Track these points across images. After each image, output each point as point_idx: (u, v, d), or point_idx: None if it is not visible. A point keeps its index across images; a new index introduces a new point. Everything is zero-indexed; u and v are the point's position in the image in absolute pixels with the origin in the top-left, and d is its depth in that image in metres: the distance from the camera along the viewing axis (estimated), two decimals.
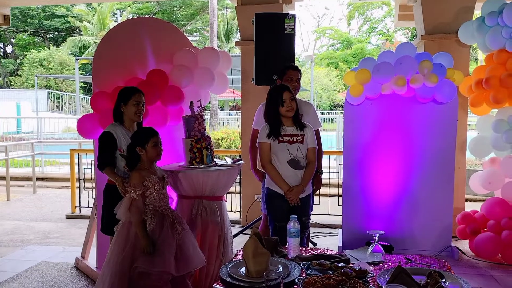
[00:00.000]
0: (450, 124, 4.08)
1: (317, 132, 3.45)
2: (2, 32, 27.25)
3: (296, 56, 4.31)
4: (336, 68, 28.02)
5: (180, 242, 2.82)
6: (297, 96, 3.60)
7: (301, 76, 3.74)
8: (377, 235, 2.42)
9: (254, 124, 3.72)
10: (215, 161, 3.50)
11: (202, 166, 3.35)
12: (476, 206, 4.71)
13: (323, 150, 3.83)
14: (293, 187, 3.10)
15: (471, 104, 4.51)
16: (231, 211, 5.88)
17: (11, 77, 27.21)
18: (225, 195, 3.59)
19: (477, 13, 4.98)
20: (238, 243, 4.21)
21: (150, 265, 2.65)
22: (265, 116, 3.17)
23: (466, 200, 5.11)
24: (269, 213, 3.26)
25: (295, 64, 3.85)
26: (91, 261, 4.05)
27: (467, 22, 4.55)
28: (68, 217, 6.12)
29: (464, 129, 4.93)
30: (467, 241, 4.40)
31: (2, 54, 29.33)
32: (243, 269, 2.16)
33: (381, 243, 2.50)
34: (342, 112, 5.15)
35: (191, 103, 3.46)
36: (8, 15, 6.75)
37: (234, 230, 4.14)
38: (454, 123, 4.09)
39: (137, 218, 2.70)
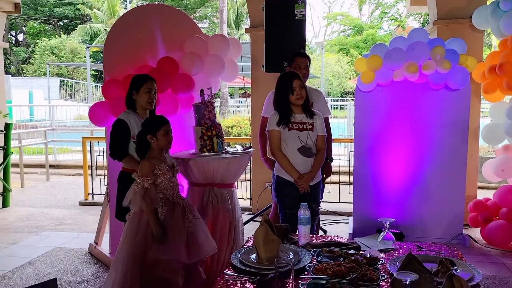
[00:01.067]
0: (462, 111, 4.04)
1: (326, 120, 3.44)
2: (13, 20, 27.40)
3: (306, 43, 4.27)
4: (347, 55, 27.74)
5: (192, 230, 2.83)
6: (307, 83, 3.58)
7: (310, 63, 3.69)
8: (388, 222, 2.42)
9: (264, 112, 3.72)
10: (225, 149, 3.51)
11: (213, 153, 3.37)
12: (489, 194, 4.67)
13: (333, 137, 3.81)
14: (303, 174, 3.10)
15: (484, 90, 4.45)
16: (242, 198, 5.91)
17: (23, 65, 27.43)
18: (235, 183, 3.60)
19: None
20: (249, 230, 4.24)
21: (161, 253, 2.67)
22: (275, 103, 3.17)
23: (479, 188, 5.08)
24: (279, 200, 3.26)
25: (305, 51, 3.81)
26: (105, 247, 4.12)
27: (481, 7, 4.46)
28: (81, 204, 6.21)
29: (477, 116, 4.87)
30: (479, 229, 4.38)
31: (14, 42, 29.52)
32: (254, 256, 2.17)
33: (392, 230, 2.49)
34: (353, 99, 5.11)
35: (201, 90, 3.46)
36: (19, 3, 6.77)
37: (245, 217, 4.17)
38: (466, 110, 4.04)
39: (150, 207, 2.72)
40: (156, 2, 23.69)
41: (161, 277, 2.68)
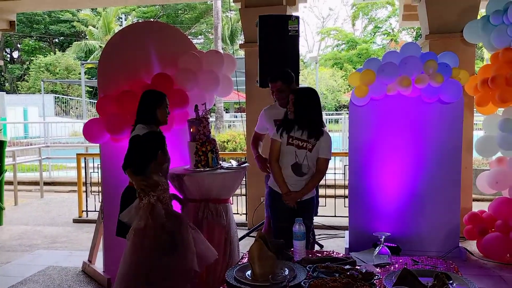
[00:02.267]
0: (456, 124, 4.06)
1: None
2: (8, 38, 27.48)
3: (300, 57, 4.31)
4: (341, 69, 27.95)
5: (194, 241, 2.89)
6: None
7: (285, 82, 3.63)
8: (383, 237, 2.41)
9: (257, 128, 3.79)
10: (220, 164, 3.50)
11: (208, 169, 3.35)
12: (484, 206, 4.67)
13: None
14: (292, 192, 3.13)
15: (477, 103, 4.48)
16: (237, 213, 5.87)
17: (18, 82, 27.42)
18: (231, 198, 3.59)
19: (482, 12, 4.96)
20: (244, 245, 4.21)
21: (175, 265, 2.73)
22: (284, 114, 3.25)
23: (474, 200, 5.08)
24: (271, 213, 3.30)
25: (282, 72, 3.71)
26: (98, 265, 4.07)
27: (472, 21, 4.52)
28: (75, 221, 6.15)
29: (471, 128, 4.90)
30: (475, 241, 4.37)
31: (8, 59, 29.57)
32: (249, 272, 2.15)
33: (388, 244, 2.49)
34: (347, 113, 5.13)
35: (196, 106, 3.47)
36: (14, 21, 6.80)
37: (240, 232, 4.14)
38: (460, 122, 4.07)
39: (156, 223, 2.74)
40: (151, 19, 23.89)
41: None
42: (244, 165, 3.60)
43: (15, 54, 30.63)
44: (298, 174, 3.12)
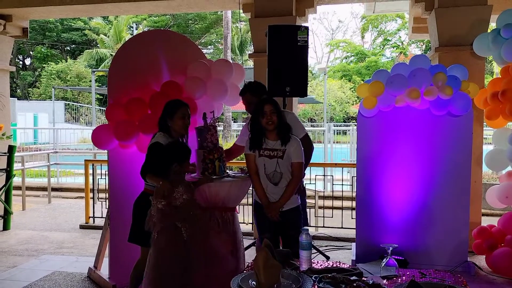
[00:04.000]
0: (465, 137, 4.03)
1: (303, 140, 3.34)
2: (21, 45, 27.89)
3: (309, 69, 4.32)
4: (349, 81, 27.97)
5: None
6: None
7: (253, 94, 3.62)
8: (391, 248, 2.39)
9: (238, 140, 3.81)
10: (227, 172, 3.50)
11: (214, 177, 3.35)
12: (493, 221, 4.62)
13: (335, 162, 3.82)
14: (272, 203, 3.17)
15: (486, 117, 4.46)
16: (243, 222, 5.86)
17: (30, 89, 27.77)
18: (237, 207, 3.58)
19: (492, 25, 4.95)
20: (250, 255, 4.17)
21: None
22: (250, 126, 3.24)
23: (483, 215, 5.03)
24: (257, 225, 3.38)
25: (249, 84, 3.73)
26: (104, 271, 4.07)
27: (482, 34, 4.51)
28: (81, 227, 6.17)
29: (480, 142, 4.86)
30: (484, 256, 4.31)
31: (21, 66, 29.97)
32: (253, 281, 2.14)
33: (395, 257, 2.47)
34: (355, 125, 5.13)
35: (204, 114, 3.48)
36: (27, 28, 6.90)
37: (246, 242, 4.12)
38: (469, 136, 4.04)
39: (168, 223, 2.80)
40: (162, 29, 24.13)
41: None
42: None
43: (27, 61, 31.06)
44: (273, 183, 3.18)
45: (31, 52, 29.81)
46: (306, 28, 4.24)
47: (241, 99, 3.75)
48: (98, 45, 26.49)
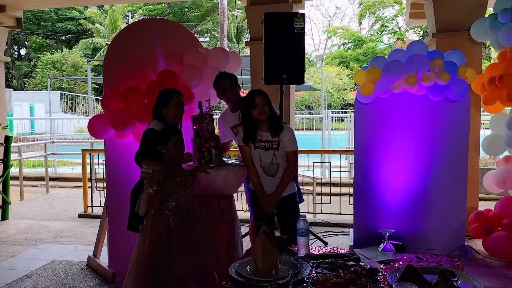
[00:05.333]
0: (462, 122, 4.03)
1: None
2: (16, 35, 27.64)
3: (306, 56, 4.30)
4: (347, 68, 27.87)
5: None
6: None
7: (236, 80, 3.61)
8: (388, 233, 2.40)
9: (221, 138, 3.64)
10: (224, 161, 3.51)
11: (211, 165, 3.35)
12: (490, 205, 4.64)
13: (333, 149, 3.82)
14: (268, 195, 3.18)
15: (484, 102, 4.45)
16: (242, 210, 5.88)
17: (25, 79, 27.61)
18: (234, 195, 3.59)
19: (489, 10, 4.92)
20: (248, 242, 4.21)
21: (189, 266, 2.74)
22: (241, 119, 3.22)
23: (480, 199, 5.05)
24: (253, 212, 3.40)
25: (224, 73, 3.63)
26: (103, 259, 4.08)
27: (480, 19, 4.48)
28: (80, 216, 6.18)
29: (477, 127, 4.87)
30: (481, 240, 4.34)
31: (16, 56, 29.74)
32: (251, 267, 2.15)
33: (393, 242, 2.48)
34: (353, 111, 5.12)
35: (200, 102, 3.47)
36: (21, 18, 6.83)
37: (244, 229, 4.14)
38: (466, 121, 4.04)
39: (156, 205, 2.80)
40: (158, 17, 23.93)
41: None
42: None
43: (23, 51, 30.82)
44: (270, 175, 3.19)
45: (26, 42, 29.56)
46: (303, 15, 4.21)
47: (217, 92, 3.64)
48: (94, 35, 26.29)
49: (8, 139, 6.07)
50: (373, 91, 3.96)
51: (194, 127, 3.45)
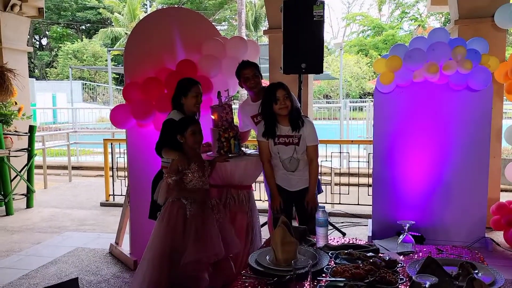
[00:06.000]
0: (484, 112, 3.96)
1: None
2: (37, 25, 28.06)
3: (325, 44, 4.26)
4: (366, 56, 27.50)
5: (220, 228, 2.92)
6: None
7: (258, 69, 3.57)
8: (408, 225, 2.39)
9: (240, 127, 3.64)
10: (243, 151, 3.52)
11: (230, 155, 3.38)
12: None
13: (352, 139, 3.80)
14: (307, 196, 3.14)
15: (507, 91, 4.36)
16: (260, 200, 5.91)
17: (47, 69, 28.06)
18: (253, 185, 3.62)
19: None
20: (266, 232, 4.24)
21: (200, 253, 2.75)
22: (261, 114, 3.18)
23: (502, 190, 4.98)
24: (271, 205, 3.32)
25: (251, 65, 3.58)
26: (125, 247, 4.17)
27: (504, 5, 4.37)
28: (102, 204, 6.31)
29: (500, 117, 4.77)
30: (502, 232, 4.28)
31: (37, 46, 30.22)
32: (270, 257, 2.18)
33: (412, 233, 2.47)
34: (372, 101, 5.07)
35: (219, 93, 3.49)
36: (42, 8, 6.94)
37: (263, 219, 4.17)
38: (488, 110, 3.96)
39: (175, 196, 2.86)
40: (176, 6, 23.95)
41: (189, 275, 2.77)
42: None
43: (44, 41, 31.28)
44: (290, 170, 3.14)
45: (47, 32, 29.99)
46: (322, 2, 4.16)
47: (239, 80, 3.63)
48: (113, 24, 26.48)
49: (32, 129, 6.21)
50: (393, 80, 3.92)
51: (213, 117, 3.47)
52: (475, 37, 3.98)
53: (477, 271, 1.95)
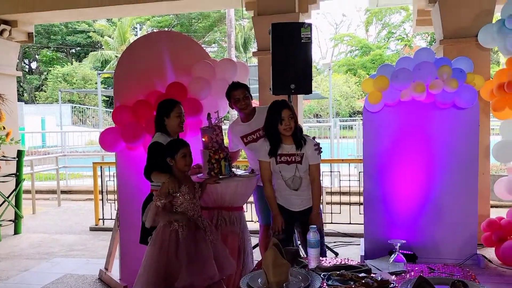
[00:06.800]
0: (472, 129, 4.01)
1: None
2: (26, 49, 28.07)
3: (314, 64, 4.31)
4: (354, 75, 27.84)
5: (213, 250, 2.89)
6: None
7: (248, 90, 3.60)
8: (399, 244, 2.39)
9: (229, 147, 3.65)
10: (233, 172, 3.51)
11: (220, 177, 3.37)
12: (502, 213, 4.59)
13: (342, 158, 3.81)
14: (311, 216, 3.11)
15: (493, 108, 4.42)
16: (251, 221, 5.87)
17: (36, 93, 27.95)
18: (244, 206, 3.60)
19: (497, 15, 4.90)
20: (259, 254, 4.20)
21: (194, 276, 2.71)
22: (265, 132, 3.16)
23: (491, 207, 5.00)
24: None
25: (240, 83, 3.64)
26: (115, 273, 4.10)
27: (487, 25, 4.47)
28: (92, 229, 6.22)
29: (487, 134, 4.84)
30: (493, 248, 4.29)
31: (27, 70, 30.17)
32: (262, 280, 2.15)
33: (404, 252, 2.47)
34: (361, 119, 5.11)
35: (208, 114, 3.50)
36: (32, 33, 6.96)
37: (254, 240, 4.14)
38: (476, 128, 4.02)
39: (164, 219, 2.82)
40: (166, 29, 24.18)
41: None
42: (256, 173, 3.58)
43: (33, 65, 31.25)
44: (293, 188, 3.11)
45: (36, 56, 29.99)
46: (309, 25, 4.22)
47: (229, 102, 3.64)
48: (103, 47, 26.59)
49: (20, 153, 6.15)
50: (381, 100, 3.97)
51: (203, 139, 3.47)
52: (460, 56, 4.07)
53: None
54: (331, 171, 6.73)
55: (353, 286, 2.00)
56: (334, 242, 5.13)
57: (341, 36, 33.52)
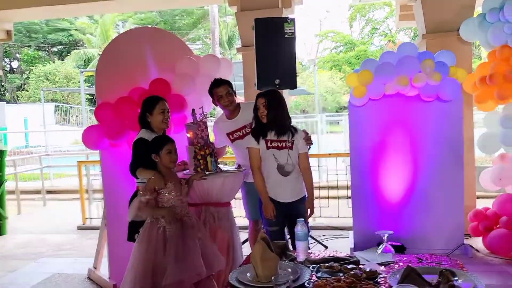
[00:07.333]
0: (456, 122, 4.06)
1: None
2: (7, 48, 27.56)
3: (299, 60, 4.32)
4: (339, 71, 27.97)
5: (202, 247, 2.87)
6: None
7: (231, 86, 3.60)
8: (386, 235, 2.41)
9: (216, 143, 3.65)
10: (219, 168, 3.50)
11: (207, 173, 3.35)
12: (488, 203, 4.67)
13: (329, 152, 3.83)
14: (307, 204, 3.18)
15: (476, 101, 4.48)
16: (240, 216, 5.86)
17: (18, 92, 27.47)
18: (232, 201, 3.59)
19: (478, 9, 4.97)
20: (248, 248, 4.20)
21: (182, 273, 2.70)
22: (254, 121, 3.21)
23: (477, 197, 5.07)
24: (263, 217, 3.25)
25: (223, 79, 3.63)
26: (103, 271, 4.07)
27: (468, 19, 4.53)
28: (79, 228, 6.16)
29: (471, 126, 4.90)
30: (481, 238, 4.36)
31: (8, 69, 29.63)
32: (251, 274, 2.15)
33: (392, 243, 2.49)
34: (348, 114, 5.14)
35: (193, 110, 3.48)
36: (11, 30, 6.83)
37: (243, 236, 4.14)
38: (460, 120, 4.07)
39: (147, 215, 2.82)
40: (149, 26, 23.94)
41: None
42: (242, 168, 3.56)
43: (15, 64, 30.70)
44: (284, 174, 3.12)
45: (18, 55, 29.47)
46: (293, 20, 4.22)
47: (212, 99, 3.64)
48: (85, 45, 26.24)
49: (2, 153, 6.04)
50: (365, 94, 3.99)
51: (188, 135, 3.45)
52: (442, 50, 4.10)
53: (457, 278, 1.97)
54: (319, 166, 6.76)
55: (342, 277, 2.01)
56: (324, 235, 5.15)
57: (325, 32, 33.61)
